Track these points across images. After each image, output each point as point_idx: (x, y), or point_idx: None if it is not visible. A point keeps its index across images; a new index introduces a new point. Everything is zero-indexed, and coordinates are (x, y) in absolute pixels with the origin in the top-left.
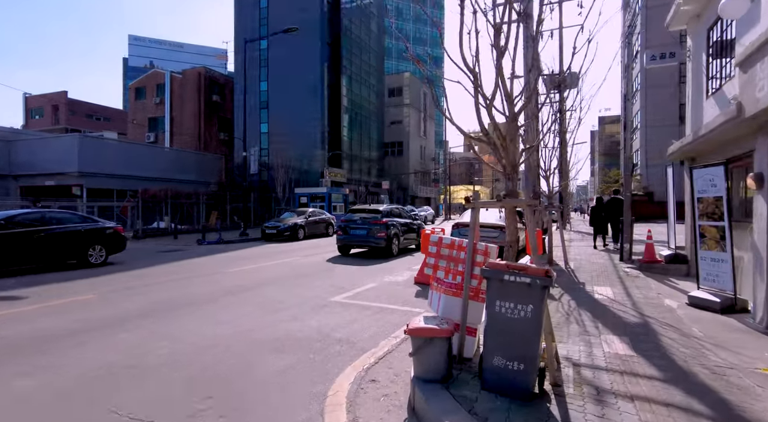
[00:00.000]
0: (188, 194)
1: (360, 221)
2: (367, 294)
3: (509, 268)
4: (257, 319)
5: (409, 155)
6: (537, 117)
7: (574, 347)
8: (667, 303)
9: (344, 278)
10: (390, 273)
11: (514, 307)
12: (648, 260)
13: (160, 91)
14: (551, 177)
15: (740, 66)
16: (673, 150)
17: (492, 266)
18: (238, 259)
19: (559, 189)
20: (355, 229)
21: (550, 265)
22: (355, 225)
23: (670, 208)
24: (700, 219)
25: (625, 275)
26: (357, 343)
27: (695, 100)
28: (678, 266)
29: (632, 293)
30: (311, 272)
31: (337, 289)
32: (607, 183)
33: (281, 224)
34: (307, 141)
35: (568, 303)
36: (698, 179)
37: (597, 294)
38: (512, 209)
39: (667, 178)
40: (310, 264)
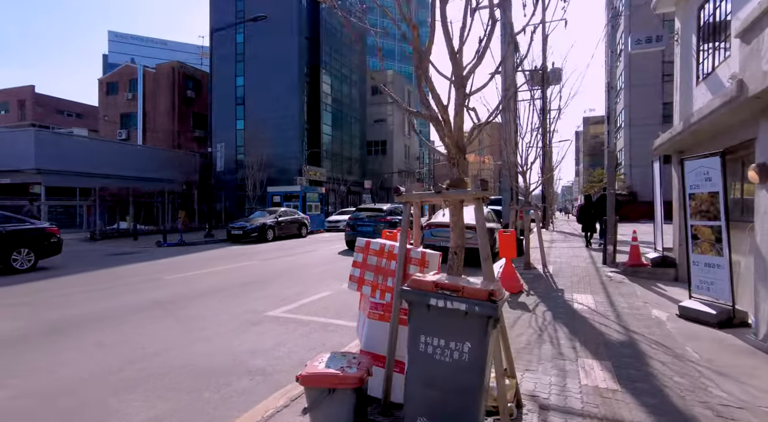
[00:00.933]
0: (153, 193)
1: (367, 219)
2: (313, 306)
3: (438, 287)
4: (165, 342)
5: (392, 154)
6: (514, 110)
7: (545, 378)
8: (656, 315)
9: (297, 285)
10: None
11: (444, 345)
12: (633, 264)
13: (133, 86)
14: (528, 173)
15: (741, 37)
16: (660, 143)
17: (414, 285)
18: (190, 263)
19: (538, 186)
20: (362, 226)
21: (527, 268)
22: (362, 223)
23: (657, 207)
24: (693, 218)
25: (608, 281)
26: (274, 375)
27: (684, 88)
28: (665, 270)
29: (616, 302)
30: (263, 279)
31: (280, 300)
32: (591, 183)
33: (248, 225)
34: (285, 139)
35: (542, 316)
36: (690, 173)
37: (576, 304)
38: (458, 204)
39: (654, 173)
40: (267, 269)
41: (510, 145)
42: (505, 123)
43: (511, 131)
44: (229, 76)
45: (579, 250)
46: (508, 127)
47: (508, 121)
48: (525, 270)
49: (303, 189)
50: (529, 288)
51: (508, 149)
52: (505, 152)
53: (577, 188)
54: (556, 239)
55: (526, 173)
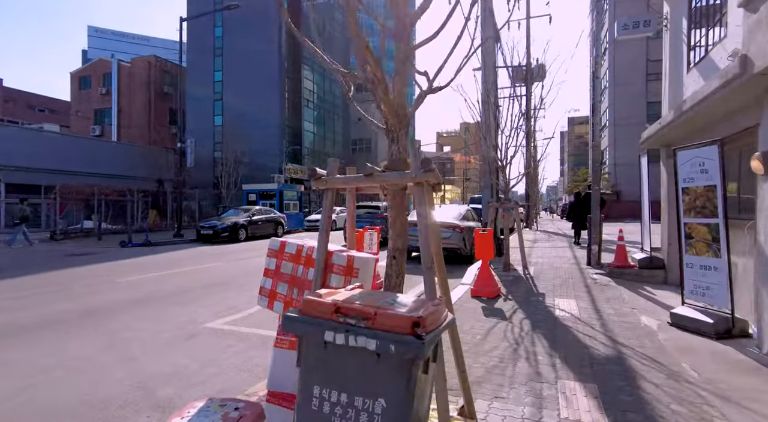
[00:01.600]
0: (123, 191)
1: (365, 215)
2: (261, 315)
3: (339, 312)
4: (73, 363)
5: (378, 153)
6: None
7: (517, 409)
8: (645, 323)
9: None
10: None
11: (347, 403)
12: (619, 265)
13: (107, 80)
14: (508, 168)
15: (746, 5)
16: (647, 135)
17: (306, 310)
18: (151, 264)
19: (518, 181)
20: (359, 222)
21: (506, 270)
22: (359, 219)
23: (645, 205)
24: (686, 215)
25: (593, 284)
26: (177, 410)
27: (674, 77)
28: (653, 272)
29: (601, 308)
30: (222, 282)
31: (228, 308)
32: (576, 182)
33: (219, 224)
34: (264, 135)
35: (520, 325)
36: (684, 164)
37: (558, 310)
38: (400, 192)
39: (641, 169)
40: (230, 271)
41: (489, 139)
42: (485, 117)
43: (491, 125)
44: (206, 71)
45: (562, 250)
46: (488, 121)
47: (487, 114)
48: (504, 272)
49: (280, 187)
50: (508, 292)
51: (487, 144)
52: (484, 147)
53: (562, 188)
54: (539, 238)
55: (505, 168)
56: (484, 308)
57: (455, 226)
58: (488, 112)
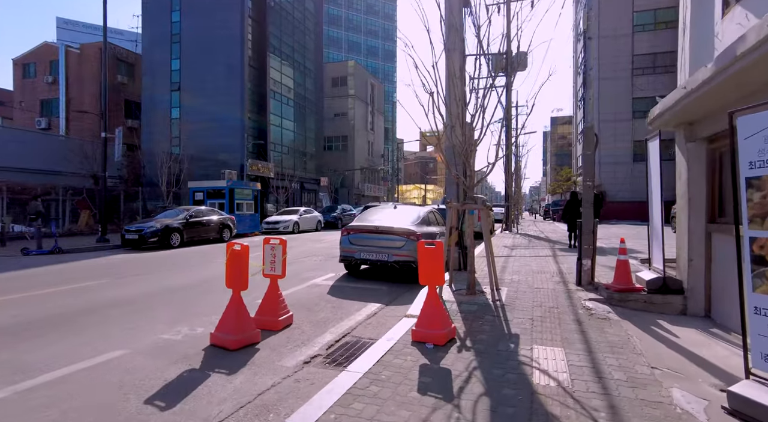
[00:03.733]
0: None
1: None
2: (43, 395)
3: None
4: None
5: (354, 151)
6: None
7: None
8: (682, 404)
9: (87, 334)
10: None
11: None
12: (621, 288)
13: (54, 68)
14: (473, 157)
15: None
16: (663, 109)
17: None
18: (16, 282)
19: (488, 173)
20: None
21: (470, 293)
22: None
23: (655, 204)
24: (753, 225)
25: (586, 316)
26: None
27: (700, 28)
28: (668, 298)
29: (604, 368)
30: (64, 320)
31: (13, 371)
32: (558, 181)
33: (146, 227)
34: (224, 129)
35: (473, 410)
36: (752, 139)
37: (538, 372)
38: None
39: (649, 157)
40: (99, 298)
41: (454, 119)
42: (449, 90)
43: (456, 99)
44: (163, 60)
45: (545, 261)
46: (452, 92)
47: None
48: (467, 297)
49: (231, 184)
50: (466, 333)
51: (450, 123)
52: (447, 129)
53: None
54: (518, 244)
55: (470, 155)
56: (424, 371)
57: (409, 233)
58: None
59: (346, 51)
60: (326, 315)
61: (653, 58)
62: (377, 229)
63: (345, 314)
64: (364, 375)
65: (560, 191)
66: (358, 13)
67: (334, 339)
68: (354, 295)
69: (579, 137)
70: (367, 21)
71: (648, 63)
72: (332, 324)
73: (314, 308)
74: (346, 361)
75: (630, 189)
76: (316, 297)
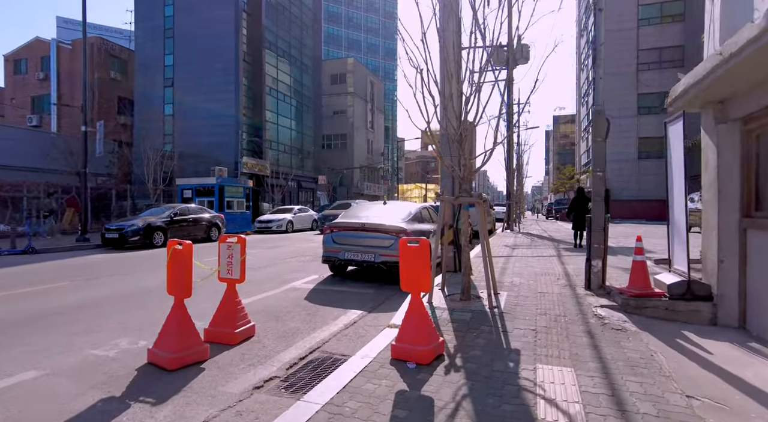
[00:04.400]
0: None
1: None
2: None
3: None
4: None
5: (353, 149)
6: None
7: None
8: None
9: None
10: None
11: None
12: (638, 293)
13: (46, 64)
14: (466, 142)
15: None
16: (686, 86)
17: None
18: None
19: (485, 163)
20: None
21: (464, 299)
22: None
23: (676, 196)
24: None
25: (599, 327)
26: None
27: None
28: (694, 305)
29: (624, 392)
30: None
31: None
32: (561, 180)
33: (127, 226)
34: (219, 126)
35: None
36: None
37: (542, 400)
38: None
39: (669, 144)
40: (62, 300)
41: (447, 100)
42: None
43: (449, 75)
44: (157, 55)
45: (549, 262)
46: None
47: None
48: (461, 303)
49: (221, 181)
50: (457, 349)
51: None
52: (439, 109)
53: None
54: (520, 243)
55: (463, 142)
56: (400, 401)
57: (399, 230)
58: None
59: (346, 49)
60: (297, 325)
61: (659, 53)
62: (363, 226)
63: (319, 324)
64: (322, 408)
65: (563, 190)
66: (358, 10)
67: (299, 356)
68: (334, 300)
69: (582, 134)
70: (368, 18)
71: (654, 58)
72: (301, 336)
73: (285, 317)
74: (307, 386)
75: (635, 187)
76: (291, 303)
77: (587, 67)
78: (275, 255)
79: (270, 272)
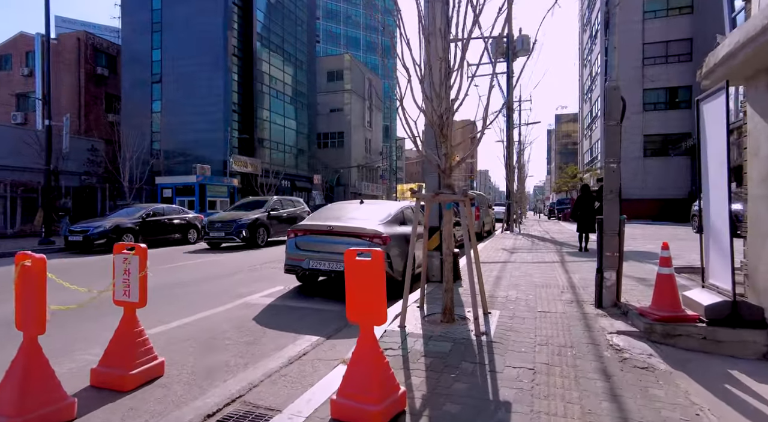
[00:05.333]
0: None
1: None
2: None
3: None
4: None
5: (351, 147)
6: None
7: None
8: None
9: None
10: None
11: None
12: (664, 316)
13: (30, 60)
14: (448, 126)
15: None
16: (732, 48)
17: None
18: None
19: (471, 151)
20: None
21: (445, 320)
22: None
23: (713, 192)
24: None
25: (616, 364)
26: None
27: None
28: (743, 334)
29: None
30: None
31: None
32: (563, 179)
33: (93, 227)
34: (207, 123)
35: None
36: None
37: None
38: None
39: (704, 127)
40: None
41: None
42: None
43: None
44: (144, 50)
45: (550, 269)
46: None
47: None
48: (441, 326)
49: (202, 180)
50: (426, 400)
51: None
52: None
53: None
54: (520, 246)
55: (444, 126)
56: None
57: (373, 234)
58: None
59: (344, 47)
60: (227, 358)
61: (665, 47)
62: (331, 229)
63: (256, 357)
64: None
65: (566, 189)
66: (357, 7)
67: (209, 411)
68: (290, 321)
69: (585, 132)
70: (367, 16)
71: (660, 52)
72: (226, 376)
73: (217, 346)
74: None
75: (640, 186)
76: (233, 325)
77: (590, 63)
78: (246, 261)
79: (228, 283)
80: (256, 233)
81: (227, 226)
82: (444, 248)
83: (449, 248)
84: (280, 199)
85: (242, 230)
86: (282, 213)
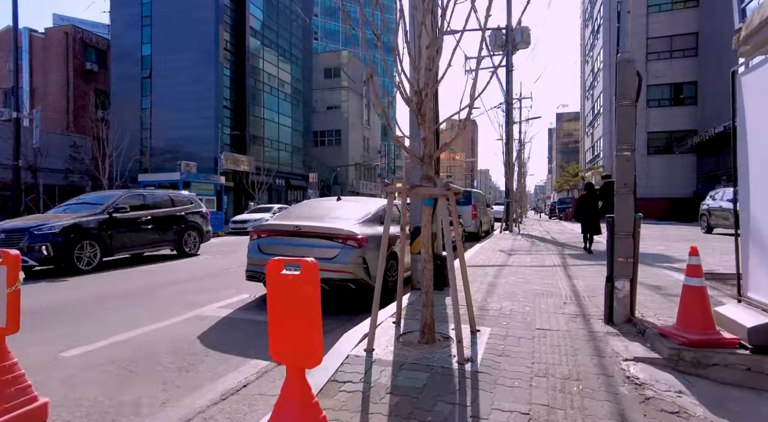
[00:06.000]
0: None
1: None
2: None
3: None
4: None
5: (348, 146)
6: None
7: None
8: None
9: None
10: None
11: None
12: (698, 341)
13: (19, 55)
14: (431, 100)
15: None
16: None
17: None
18: None
19: (455, 136)
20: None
21: (423, 338)
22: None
23: (753, 185)
24: None
25: (637, 405)
26: None
27: None
28: None
29: None
30: None
31: None
32: (565, 178)
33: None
34: (198, 119)
35: None
36: None
37: None
38: None
39: (740, 105)
40: None
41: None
42: None
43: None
44: (133, 45)
45: (551, 275)
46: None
47: None
48: (417, 349)
49: (186, 177)
50: None
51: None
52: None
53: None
54: (519, 247)
55: (422, 105)
56: None
57: (347, 236)
58: None
59: (344, 44)
60: (145, 391)
61: (669, 42)
62: (298, 230)
63: (184, 389)
64: None
65: (567, 188)
66: (357, 4)
67: None
68: (242, 339)
69: (587, 129)
70: (366, 13)
71: (664, 47)
72: (133, 419)
73: (140, 373)
74: None
75: (644, 185)
76: (171, 346)
77: (592, 59)
78: (220, 264)
79: (186, 289)
80: (73, 250)
81: (12, 239)
82: (423, 253)
83: (428, 252)
84: (142, 193)
85: (41, 245)
86: (140, 216)
